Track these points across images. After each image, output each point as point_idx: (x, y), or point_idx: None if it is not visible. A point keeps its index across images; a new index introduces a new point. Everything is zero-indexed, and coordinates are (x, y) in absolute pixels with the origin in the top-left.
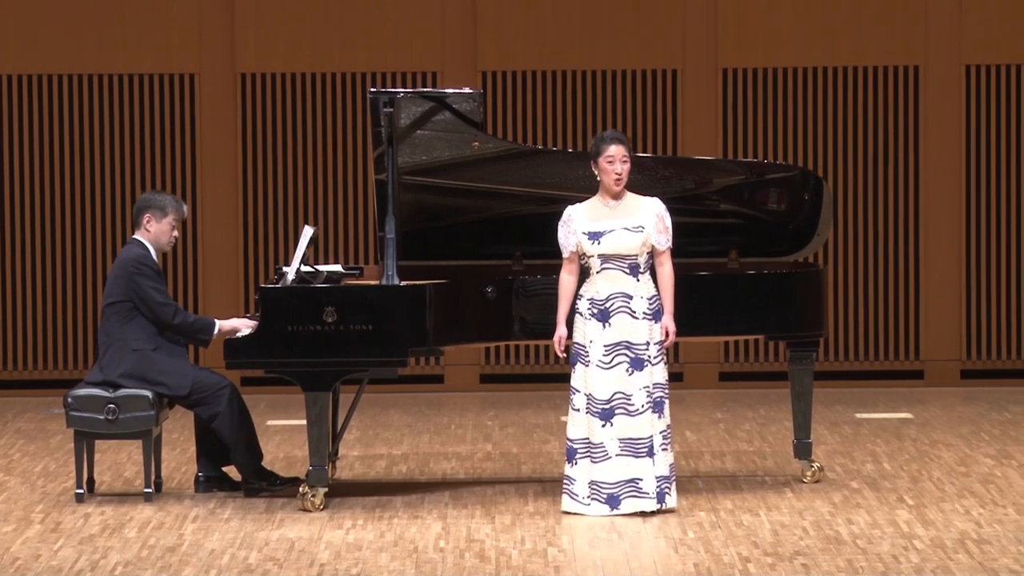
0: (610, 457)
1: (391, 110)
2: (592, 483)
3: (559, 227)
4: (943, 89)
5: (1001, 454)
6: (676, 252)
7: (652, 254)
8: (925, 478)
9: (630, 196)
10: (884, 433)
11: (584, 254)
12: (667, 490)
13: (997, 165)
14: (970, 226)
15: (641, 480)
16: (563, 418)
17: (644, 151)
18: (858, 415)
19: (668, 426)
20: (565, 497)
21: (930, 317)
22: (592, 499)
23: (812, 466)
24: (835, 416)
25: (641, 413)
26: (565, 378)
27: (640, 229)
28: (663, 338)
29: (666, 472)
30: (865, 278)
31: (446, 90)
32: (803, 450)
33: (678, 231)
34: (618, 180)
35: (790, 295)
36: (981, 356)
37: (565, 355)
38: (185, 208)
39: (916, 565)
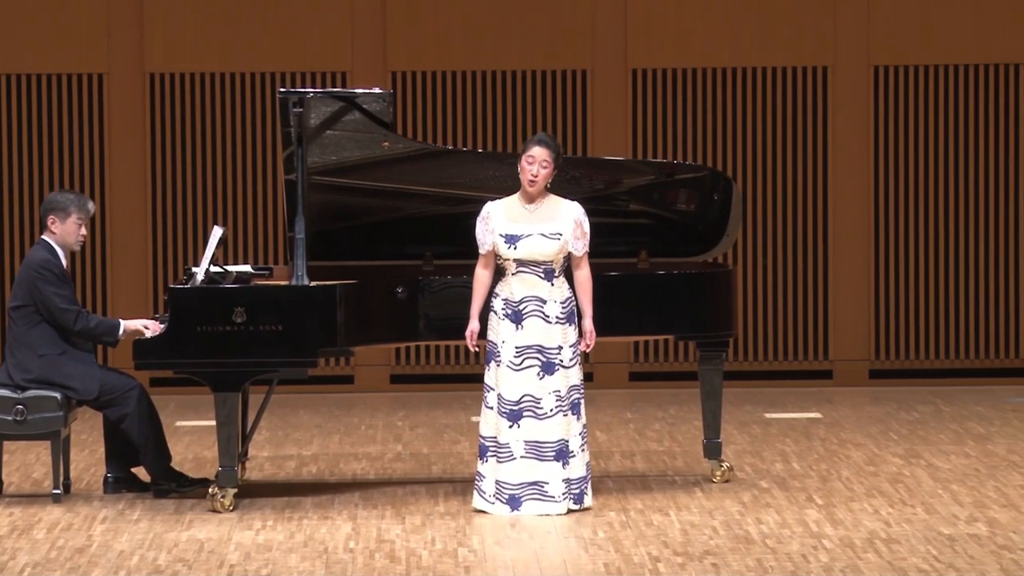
0: (515, 458)
1: (300, 110)
2: (497, 482)
3: (477, 222)
4: (852, 90)
5: (910, 454)
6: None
7: (568, 258)
8: (834, 478)
9: (551, 198)
10: (793, 433)
11: (499, 256)
12: (585, 490)
13: (906, 166)
14: (879, 226)
15: (547, 484)
16: (475, 418)
17: None
18: (767, 415)
19: (584, 426)
20: (475, 494)
21: (839, 317)
22: (496, 498)
23: (722, 466)
24: (744, 416)
25: (550, 417)
26: (476, 378)
27: (557, 236)
28: (588, 342)
29: (583, 472)
30: (775, 278)
31: (356, 90)
32: (713, 450)
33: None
34: (532, 182)
35: (700, 295)
36: (890, 356)
37: (476, 350)
38: (91, 205)
39: (825, 564)
